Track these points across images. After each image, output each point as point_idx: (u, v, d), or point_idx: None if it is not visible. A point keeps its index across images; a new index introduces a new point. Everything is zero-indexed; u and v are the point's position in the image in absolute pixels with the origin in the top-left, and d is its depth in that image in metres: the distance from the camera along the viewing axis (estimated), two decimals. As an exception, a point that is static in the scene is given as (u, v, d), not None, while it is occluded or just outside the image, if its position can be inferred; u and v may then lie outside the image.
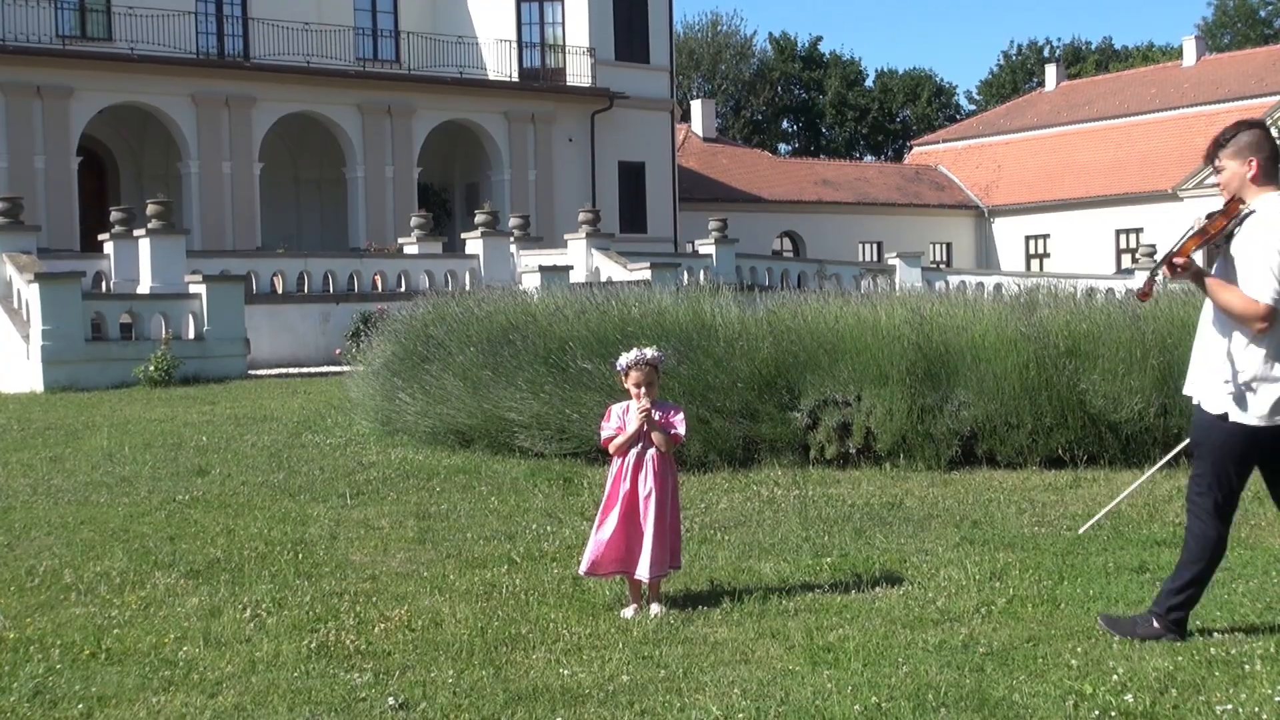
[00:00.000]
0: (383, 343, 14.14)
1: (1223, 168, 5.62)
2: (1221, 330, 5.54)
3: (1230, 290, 5.44)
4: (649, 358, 6.46)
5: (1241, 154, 5.57)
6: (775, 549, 7.73)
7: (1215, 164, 5.67)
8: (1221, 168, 5.63)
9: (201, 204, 34.75)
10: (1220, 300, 5.47)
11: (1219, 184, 5.67)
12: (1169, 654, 5.35)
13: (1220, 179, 5.64)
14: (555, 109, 40.46)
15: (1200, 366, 5.64)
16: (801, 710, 4.80)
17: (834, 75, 79.27)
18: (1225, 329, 5.52)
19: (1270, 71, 51.02)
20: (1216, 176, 5.68)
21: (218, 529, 8.74)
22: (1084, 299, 12.29)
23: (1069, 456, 10.54)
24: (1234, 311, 5.43)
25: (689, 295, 12.33)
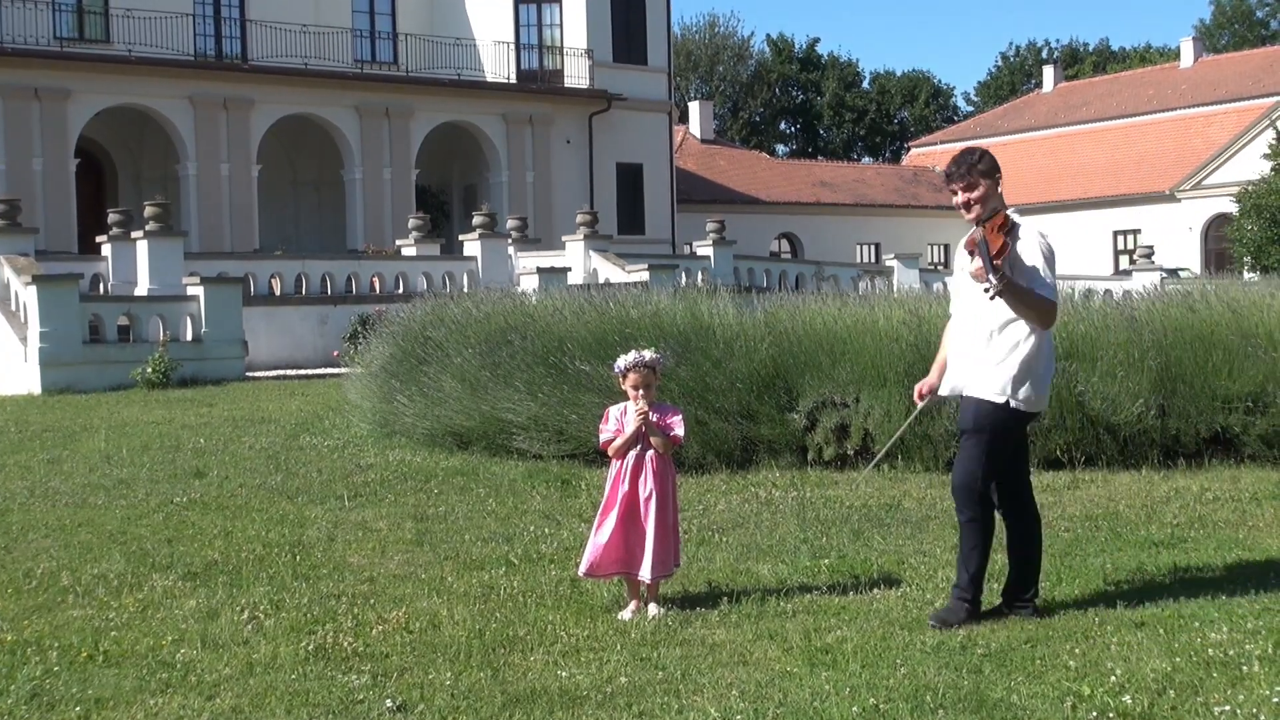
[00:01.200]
0: (381, 344, 14.13)
1: (978, 184, 6.06)
2: (996, 328, 6.02)
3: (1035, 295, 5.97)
4: (647, 360, 6.46)
5: (991, 174, 6.11)
6: (773, 550, 7.73)
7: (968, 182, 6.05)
8: (976, 184, 6.06)
9: (199, 206, 34.74)
10: (1033, 303, 5.96)
11: (970, 201, 6.05)
12: (1167, 655, 5.35)
13: (974, 196, 6.05)
14: (553, 111, 40.47)
15: (972, 362, 6.07)
16: (799, 712, 4.80)
17: (831, 77, 79.32)
18: (1000, 327, 6.01)
19: (1267, 72, 51.07)
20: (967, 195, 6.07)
21: (215, 531, 8.74)
22: (1082, 300, 12.29)
23: (1067, 458, 10.54)
24: (1042, 312, 6.00)
25: (687, 297, 12.33)
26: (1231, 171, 45.94)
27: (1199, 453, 10.35)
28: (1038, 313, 5.99)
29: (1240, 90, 50.60)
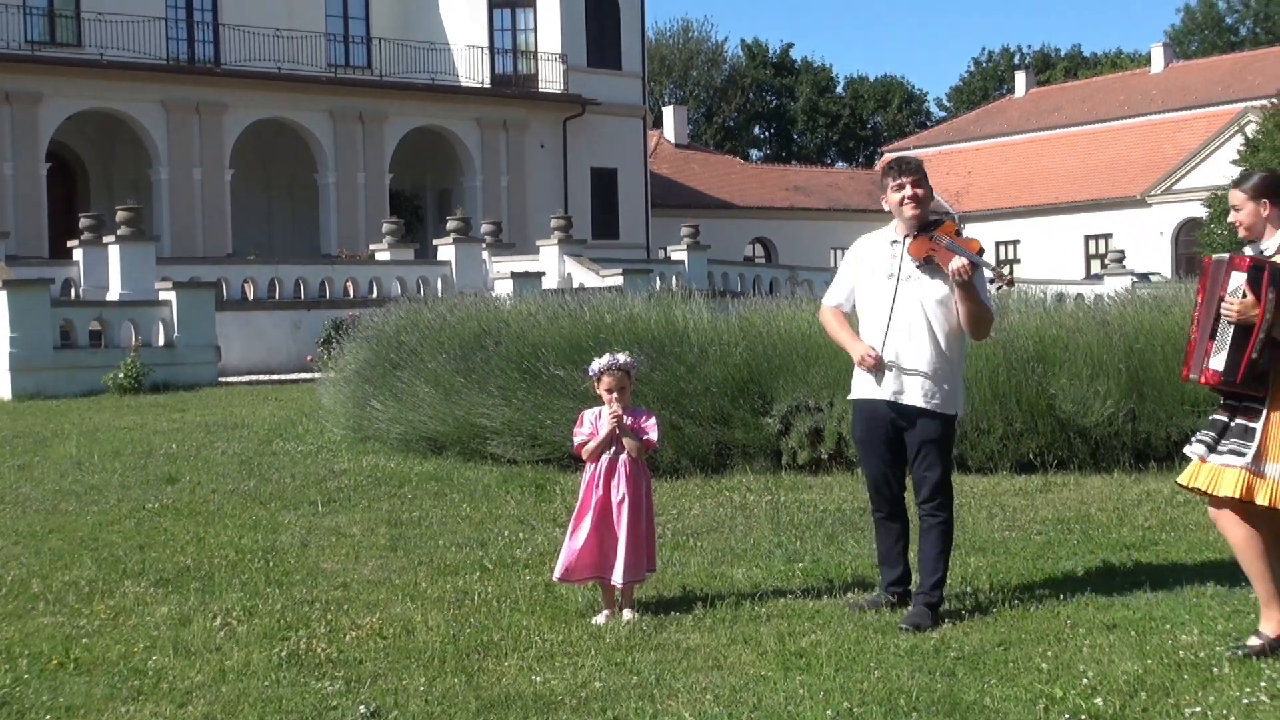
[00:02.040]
0: (354, 349, 14.10)
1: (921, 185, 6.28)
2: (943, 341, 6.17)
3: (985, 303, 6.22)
4: (621, 363, 6.47)
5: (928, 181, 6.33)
6: (747, 555, 7.74)
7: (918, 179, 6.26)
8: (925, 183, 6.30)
9: (172, 210, 34.60)
10: (983, 309, 6.18)
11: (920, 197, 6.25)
12: (1138, 658, 5.38)
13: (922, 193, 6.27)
14: (527, 115, 40.45)
15: (918, 374, 6.18)
16: (773, 715, 4.81)
17: (805, 82, 79.50)
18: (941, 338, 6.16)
19: (1236, 78, 51.44)
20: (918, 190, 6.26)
21: (188, 537, 8.70)
22: (1053, 304, 12.36)
23: (1039, 461, 10.59)
24: (988, 320, 6.25)
25: (661, 301, 12.34)
26: (1202, 176, 46.24)
27: (1170, 456, 10.41)
28: (982, 320, 6.21)
29: (1210, 96, 50.94)
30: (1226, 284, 5.41)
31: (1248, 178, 5.64)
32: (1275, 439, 5.35)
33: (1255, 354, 5.32)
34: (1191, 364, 5.56)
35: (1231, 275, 5.40)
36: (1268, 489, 5.33)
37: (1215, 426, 5.50)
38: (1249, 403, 5.42)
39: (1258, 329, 5.30)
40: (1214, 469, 5.44)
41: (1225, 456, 5.42)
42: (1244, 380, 5.36)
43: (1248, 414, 5.42)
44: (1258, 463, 5.35)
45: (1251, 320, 5.31)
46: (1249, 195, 5.56)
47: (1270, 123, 40.23)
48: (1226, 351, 5.38)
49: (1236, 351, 5.35)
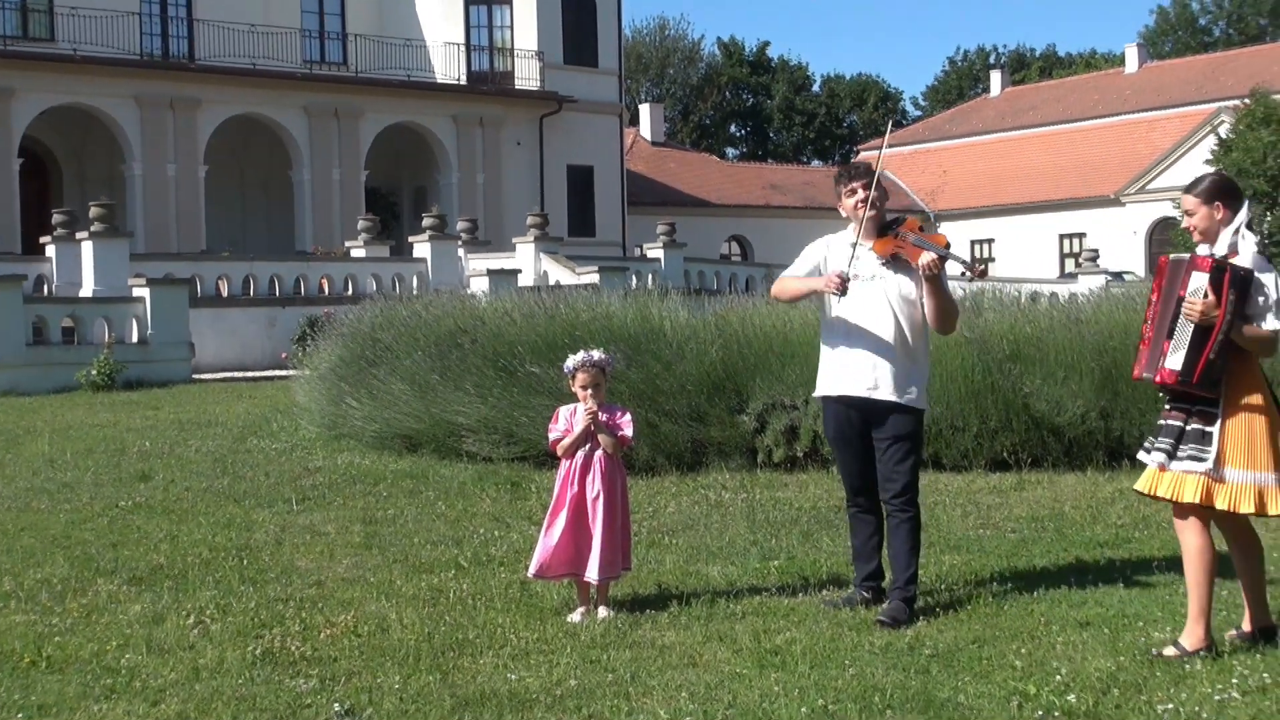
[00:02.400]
0: (329, 347, 14.05)
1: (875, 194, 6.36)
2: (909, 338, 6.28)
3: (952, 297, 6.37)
4: (596, 359, 6.47)
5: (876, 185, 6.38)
6: (723, 552, 7.75)
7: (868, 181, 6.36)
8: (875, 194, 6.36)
9: (145, 207, 34.42)
10: (951, 303, 6.32)
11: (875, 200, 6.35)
12: (1111, 655, 5.41)
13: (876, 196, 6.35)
14: (503, 112, 40.39)
15: (893, 369, 6.26)
16: (749, 713, 4.82)
17: (781, 80, 79.58)
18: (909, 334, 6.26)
19: (1209, 78, 51.73)
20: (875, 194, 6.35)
21: (161, 535, 8.66)
22: (1028, 303, 12.40)
23: (1013, 459, 10.64)
24: (954, 314, 6.38)
25: (637, 299, 12.34)
26: (1175, 176, 46.45)
27: (1143, 454, 10.45)
28: (949, 314, 6.32)
29: (1184, 96, 51.22)
30: (1187, 284, 5.41)
31: (1200, 181, 5.64)
32: (1232, 443, 5.36)
33: (1213, 355, 5.33)
34: (1145, 363, 5.55)
35: (1193, 275, 5.40)
36: (1227, 493, 5.35)
37: (1171, 432, 5.48)
38: (1202, 406, 5.42)
39: (1217, 329, 5.31)
40: (1175, 476, 5.44)
41: (1185, 463, 5.41)
42: (1200, 381, 5.36)
43: (1203, 418, 5.42)
44: (1217, 468, 5.36)
45: (1212, 321, 5.32)
46: (1202, 199, 5.57)
47: (1243, 123, 40.49)
48: (1184, 351, 5.37)
49: (1195, 352, 5.35)
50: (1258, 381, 5.45)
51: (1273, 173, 38.73)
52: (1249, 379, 5.43)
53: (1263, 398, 5.43)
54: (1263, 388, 5.45)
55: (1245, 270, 5.37)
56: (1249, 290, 5.36)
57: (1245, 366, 5.43)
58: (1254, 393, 5.42)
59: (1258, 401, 5.40)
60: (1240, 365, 5.41)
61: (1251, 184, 38.75)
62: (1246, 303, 5.36)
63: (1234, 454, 5.36)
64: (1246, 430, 5.37)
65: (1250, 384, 5.43)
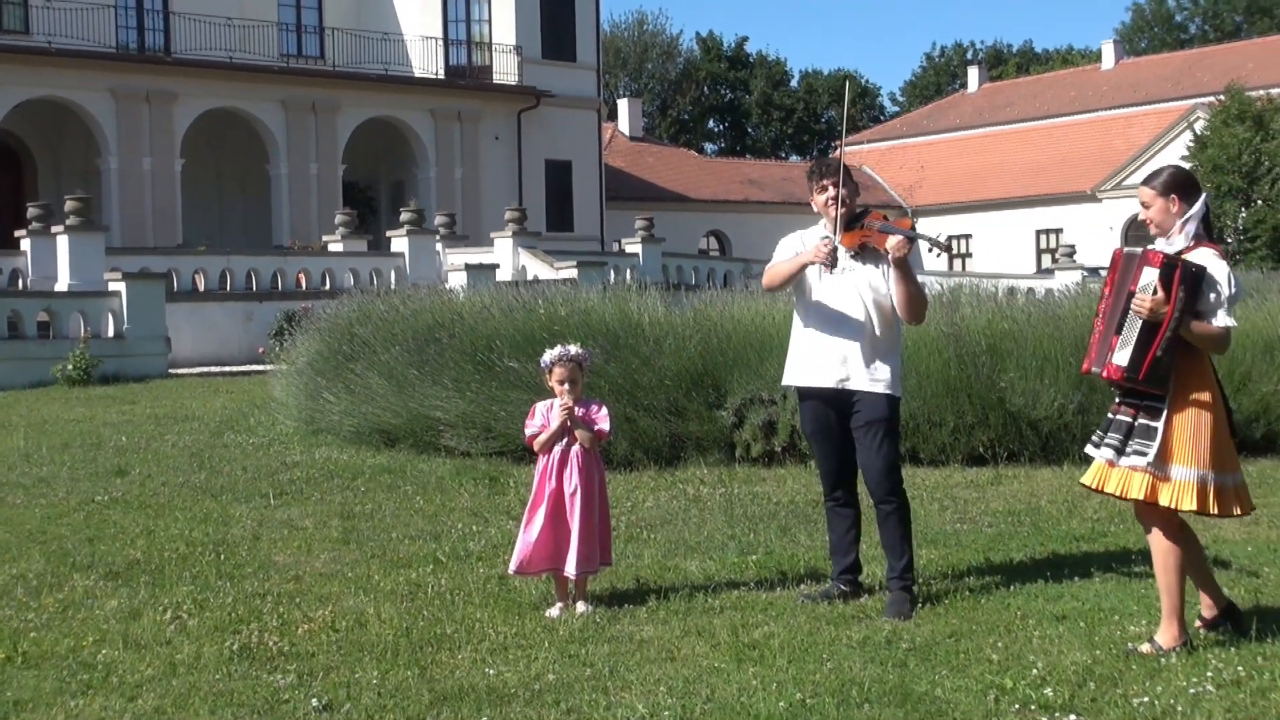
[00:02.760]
0: (307, 341, 14.02)
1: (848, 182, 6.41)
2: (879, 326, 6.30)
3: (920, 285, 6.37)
4: (572, 354, 6.48)
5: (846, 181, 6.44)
6: (701, 547, 7.76)
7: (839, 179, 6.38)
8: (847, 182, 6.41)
9: (121, 200, 34.23)
10: (919, 290, 6.34)
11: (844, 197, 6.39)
12: (1087, 648, 5.44)
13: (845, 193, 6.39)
14: (482, 107, 40.30)
15: (857, 358, 6.31)
16: (727, 707, 4.83)
17: (760, 75, 79.61)
18: (884, 325, 6.30)
19: (1185, 75, 51.96)
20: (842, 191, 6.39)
21: (137, 530, 8.62)
22: (1005, 298, 12.45)
23: (990, 454, 10.68)
24: (923, 302, 6.39)
25: (616, 294, 12.33)
26: (1151, 172, 46.66)
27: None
28: (917, 301, 6.33)
29: (1160, 92, 51.43)
30: (1138, 279, 5.39)
31: (1157, 174, 5.63)
32: (1177, 440, 5.36)
33: (1160, 352, 5.31)
34: (1094, 357, 5.55)
35: (1144, 271, 5.39)
36: (1171, 490, 5.37)
37: (1120, 428, 5.48)
38: (1150, 401, 5.42)
39: (1165, 327, 5.30)
40: (1123, 472, 5.46)
41: (1131, 458, 5.43)
42: (1147, 378, 5.36)
43: (1150, 413, 5.42)
44: (1161, 464, 5.37)
45: (1160, 318, 5.30)
46: (1158, 191, 5.57)
47: (1218, 119, 40.71)
48: (1132, 348, 5.36)
49: (1142, 348, 5.35)
50: (1207, 378, 5.45)
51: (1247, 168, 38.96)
52: (1198, 375, 5.42)
53: (1211, 395, 5.42)
54: (1212, 385, 5.45)
55: (1197, 267, 5.36)
56: (1200, 287, 5.36)
57: (1195, 363, 5.42)
58: (1203, 390, 5.41)
59: (1206, 399, 5.40)
60: (1190, 361, 5.40)
61: (1227, 180, 39.01)
62: (1198, 299, 5.36)
63: (1179, 451, 5.36)
64: (1192, 427, 5.37)
65: (1199, 381, 5.42)
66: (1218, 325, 5.38)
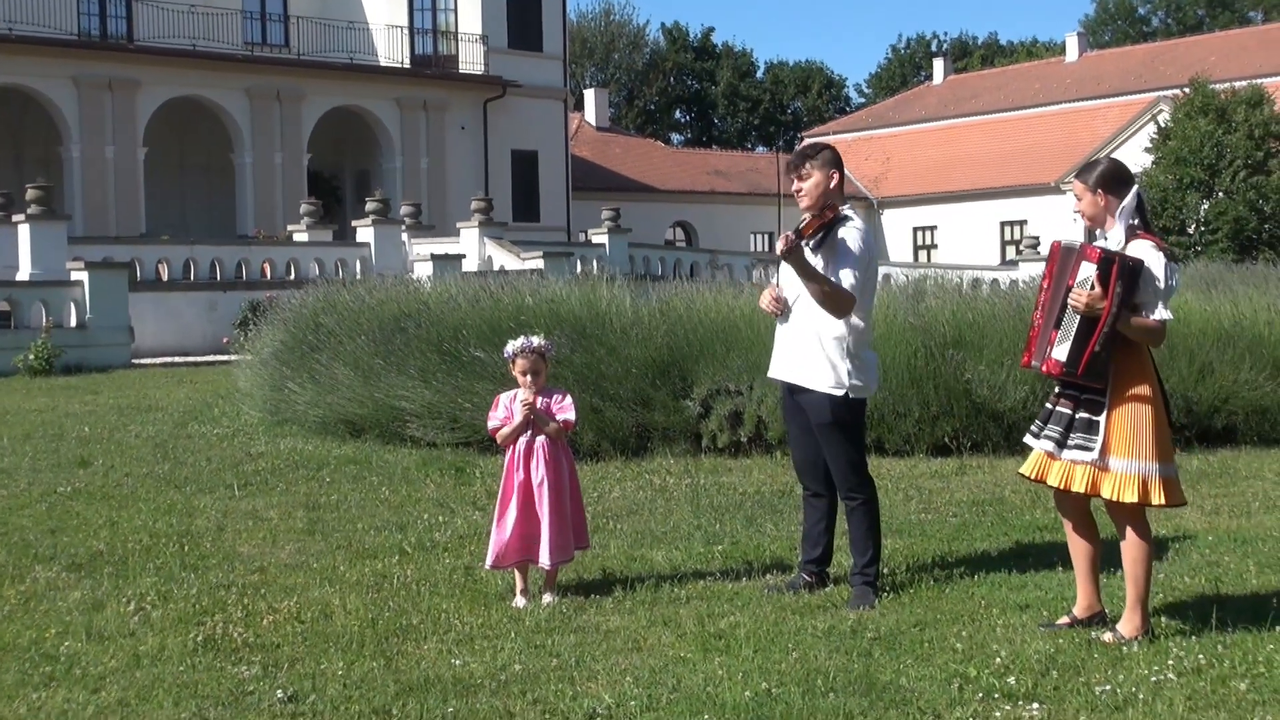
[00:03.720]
0: (271, 331, 13.96)
1: (811, 175, 6.24)
2: (826, 318, 6.18)
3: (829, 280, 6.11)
4: (535, 345, 6.47)
5: (828, 167, 6.26)
6: (667, 537, 7.77)
7: (801, 173, 6.24)
8: (810, 175, 6.24)
9: (84, 189, 33.99)
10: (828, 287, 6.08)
11: (802, 191, 6.24)
12: (1050, 637, 5.47)
13: (806, 186, 6.24)
14: (448, 96, 40.18)
15: (803, 357, 6.28)
16: (693, 697, 4.84)
17: (726, 66, 79.65)
18: (823, 319, 6.18)
19: (1148, 68, 52.29)
20: (800, 184, 6.25)
21: (100, 521, 8.57)
22: (970, 290, 12.51)
23: (955, 445, 10.73)
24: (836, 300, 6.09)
25: (582, 284, 12.33)
26: (1115, 164, 46.93)
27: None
28: (828, 295, 6.10)
29: (1123, 85, 51.74)
30: (1076, 273, 5.41)
31: (1090, 168, 5.64)
32: (1118, 433, 5.40)
33: (1099, 347, 5.33)
34: (1034, 351, 5.58)
35: (1081, 265, 5.40)
36: (1112, 483, 5.41)
37: (1061, 420, 5.51)
38: (1090, 395, 5.45)
39: (1103, 322, 5.32)
40: (1065, 465, 5.50)
41: (1074, 451, 5.46)
42: (1085, 372, 5.38)
43: (1091, 407, 5.45)
44: (1103, 457, 5.42)
45: (1098, 313, 5.33)
46: (1088, 186, 5.60)
47: (1181, 112, 40.99)
48: (1070, 342, 5.39)
49: (1080, 343, 5.36)
50: (1146, 371, 5.48)
51: (1209, 161, 39.26)
52: (1137, 369, 5.45)
53: (1150, 388, 5.45)
54: (1151, 378, 5.48)
55: (1134, 261, 5.38)
56: (1138, 281, 5.38)
57: (1134, 356, 5.45)
58: (1142, 383, 5.44)
59: (1145, 392, 5.43)
60: (1129, 354, 5.43)
61: (1189, 172, 39.30)
62: (1135, 293, 5.38)
63: (1119, 444, 5.40)
64: (1132, 420, 5.40)
65: (1138, 374, 5.45)
66: (1154, 319, 5.42)
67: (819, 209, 6.21)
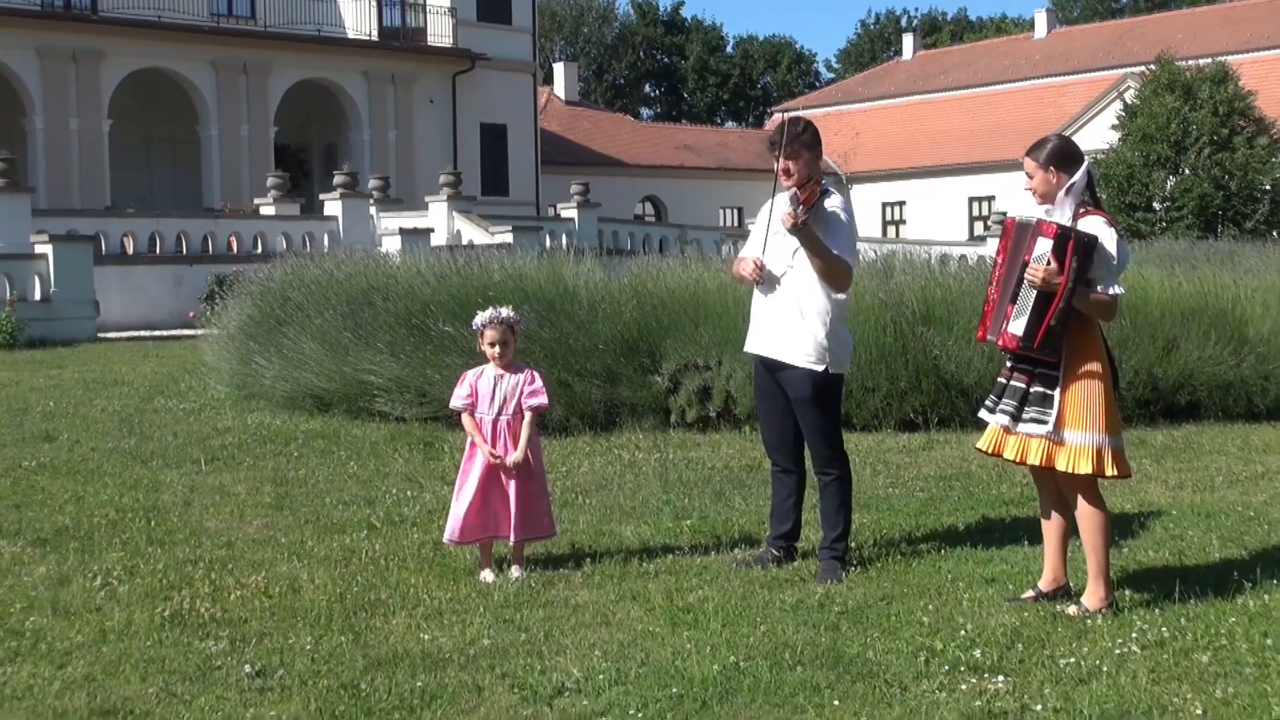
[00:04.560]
0: (239, 305, 13.88)
1: (800, 154, 6.26)
2: (809, 293, 6.24)
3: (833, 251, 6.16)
4: (504, 317, 6.46)
5: (814, 145, 6.34)
6: (636, 512, 7.78)
7: (788, 152, 6.23)
8: (799, 154, 6.25)
9: (47, 162, 33.66)
10: (830, 258, 6.14)
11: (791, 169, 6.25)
12: (1016, 611, 5.52)
13: (795, 165, 6.26)
14: (416, 69, 39.96)
15: (785, 332, 6.28)
16: (661, 671, 4.86)
17: (695, 41, 79.47)
18: (813, 292, 6.23)
19: (1116, 45, 52.46)
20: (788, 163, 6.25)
21: (66, 496, 8.52)
22: (938, 265, 12.55)
23: (922, 420, 10.78)
24: (838, 271, 6.19)
25: (551, 259, 12.30)
26: (1082, 141, 46.90)
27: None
28: (832, 268, 6.17)
29: (1091, 62, 51.89)
30: (1032, 249, 5.46)
31: (1041, 145, 5.69)
32: (1071, 406, 5.47)
33: (1054, 321, 5.40)
34: (989, 325, 5.63)
35: (1038, 241, 5.45)
36: (1067, 455, 5.48)
37: (1015, 394, 5.58)
38: (1044, 369, 5.52)
39: (1059, 297, 5.38)
40: (1020, 439, 5.57)
41: (1029, 425, 5.53)
42: (1041, 346, 5.45)
43: (1045, 381, 5.52)
44: (1057, 430, 5.48)
45: (1054, 288, 5.38)
46: (1039, 163, 5.64)
47: (1149, 88, 41.11)
48: (1027, 317, 5.44)
49: (1036, 318, 5.42)
50: (1098, 345, 5.56)
51: (1176, 138, 39.43)
52: (1089, 343, 5.53)
53: (1101, 362, 5.53)
54: (1102, 352, 5.57)
55: (1089, 237, 5.44)
56: (1092, 257, 5.44)
57: (1086, 331, 5.53)
58: (1094, 357, 5.52)
59: (1097, 366, 5.51)
60: (1081, 329, 5.51)
61: (1155, 149, 39.45)
62: (1090, 268, 5.44)
63: (1073, 416, 5.47)
64: (1085, 394, 5.48)
65: (1090, 348, 5.53)
66: (1108, 294, 5.49)
67: (804, 184, 6.23)
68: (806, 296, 6.27)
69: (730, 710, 4.49)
